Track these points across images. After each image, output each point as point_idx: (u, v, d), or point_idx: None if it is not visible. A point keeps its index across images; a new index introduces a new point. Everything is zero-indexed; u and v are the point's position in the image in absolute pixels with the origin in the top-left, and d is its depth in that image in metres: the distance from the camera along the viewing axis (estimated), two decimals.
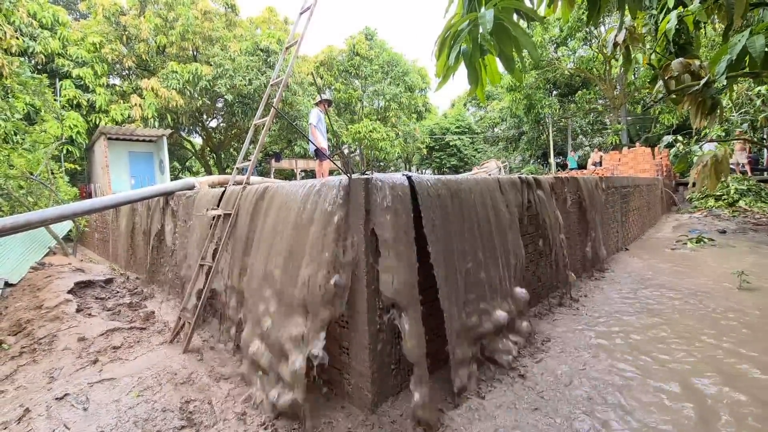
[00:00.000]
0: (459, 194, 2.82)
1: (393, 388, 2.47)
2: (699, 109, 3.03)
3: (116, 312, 4.11)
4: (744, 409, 2.25)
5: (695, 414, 2.24)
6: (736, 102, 7.68)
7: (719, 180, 2.72)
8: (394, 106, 24.75)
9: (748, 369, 2.67)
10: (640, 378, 2.61)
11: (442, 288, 2.46)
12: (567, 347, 3.05)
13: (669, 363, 2.79)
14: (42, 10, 14.21)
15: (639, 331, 3.37)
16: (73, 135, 13.07)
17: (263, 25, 20.65)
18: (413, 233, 2.37)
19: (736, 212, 10.24)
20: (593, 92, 21.30)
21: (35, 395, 2.54)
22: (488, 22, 1.68)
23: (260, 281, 2.78)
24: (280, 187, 2.91)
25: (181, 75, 15.28)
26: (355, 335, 2.38)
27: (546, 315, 3.72)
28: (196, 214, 3.96)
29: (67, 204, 4.71)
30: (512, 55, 1.94)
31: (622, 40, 3.32)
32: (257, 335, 2.71)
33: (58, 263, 5.41)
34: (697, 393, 2.43)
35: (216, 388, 2.65)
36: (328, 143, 6.39)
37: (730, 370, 2.67)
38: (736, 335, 3.21)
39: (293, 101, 17.10)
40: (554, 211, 4.13)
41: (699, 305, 3.96)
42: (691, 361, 2.80)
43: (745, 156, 12.36)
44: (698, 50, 3.31)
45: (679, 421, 2.18)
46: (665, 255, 6.58)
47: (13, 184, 6.30)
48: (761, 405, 2.27)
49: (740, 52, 2.42)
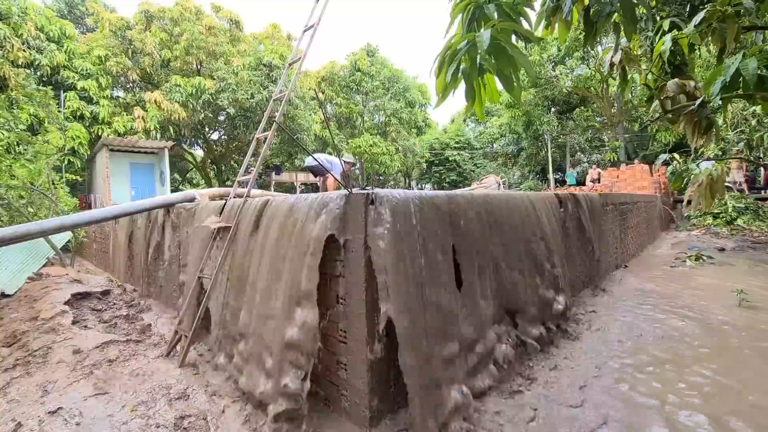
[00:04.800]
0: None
1: (391, 405, 2.44)
2: (695, 128, 3.08)
3: (112, 324, 4.08)
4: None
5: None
6: (732, 122, 7.78)
7: (714, 199, 2.75)
8: (395, 122, 25.03)
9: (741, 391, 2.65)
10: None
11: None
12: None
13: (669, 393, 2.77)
14: (50, 24, 14.48)
15: (638, 355, 3.34)
16: (75, 146, 13.17)
17: (267, 41, 21.02)
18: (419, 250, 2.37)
19: (735, 230, 10.27)
20: (591, 110, 21.60)
21: (28, 409, 2.50)
22: (485, 42, 1.73)
23: (259, 294, 2.77)
24: (281, 201, 2.93)
25: (184, 88, 15.48)
26: (354, 351, 2.36)
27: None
28: (196, 227, 3.96)
29: (67, 215, 4.72)
30: (510, 75, 1.99)
31: (619, 61, 3.40)
32: (253, 350, 2.69)
33: (55, 274, 5.38)
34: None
35: (211, 403, 2.61)
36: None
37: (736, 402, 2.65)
38: (732, 358, 3.19)
39: (295, 115, 17.30)
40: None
41: (699, 325, 3.94)
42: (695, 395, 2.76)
43: (742, 174, 12.46)
44: (693, 71, 3.38)
45: None
46: (664, 272, 6.57)
47: (14, 194, 6.32)
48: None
49: (734, 74, 2.48)
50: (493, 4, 2.01)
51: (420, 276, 2.38)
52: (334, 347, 2.51)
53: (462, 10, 2.09)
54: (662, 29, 3.47)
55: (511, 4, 2.11)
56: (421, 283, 2.37)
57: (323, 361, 2.56)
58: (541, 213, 3.92)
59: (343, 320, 2.45)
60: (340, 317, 2.47)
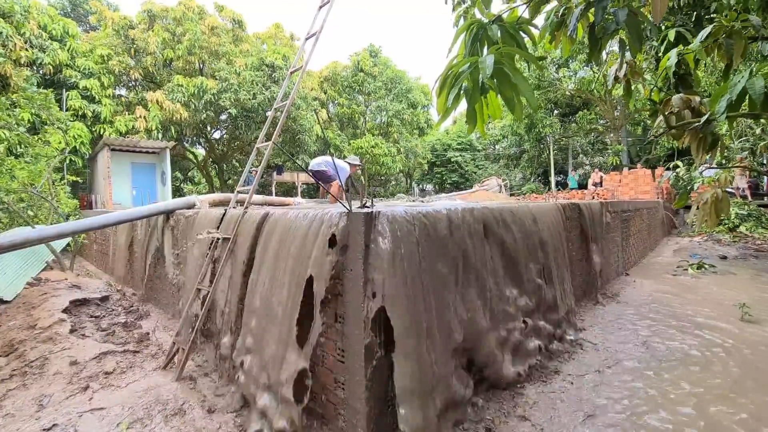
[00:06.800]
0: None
1: (388, 426, 2.42)
2: (700, 144, 3.04)
3: (110, 332, 4.06)
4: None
5: None
6: (736, 130, 7.74)
7: (719, 218, 2.71)
8: (397, 122, 24.99)
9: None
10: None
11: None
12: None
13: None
14: (53, 23, 14.47)
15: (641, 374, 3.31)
16: (77, 145, 13.16)
17: (269, 41, 21.00)
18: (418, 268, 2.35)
19: (737, 237, 10.21)
20: (594, 113, 21.52)
21: (23, 425, 2.48)
22: (488, 68, 1.70)
23: (256, 312, 2.75)
24: (280, 215, 2.90)
25: (186, 88, 15.47)
26: (351, 371, 2.34)
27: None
28: (195, 236, 3.94)
29: (67, 222, 4.70)
30: (513, 97, 1.96)
31: (623, 75, 3.37)
32: (252, 366, 2.67)
33: (54, 279, 5.37)
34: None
35: (208, 420, 2.59)
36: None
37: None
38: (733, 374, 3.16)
39: (297, 116, 17.28)
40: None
41: (701, 341, 3.90)
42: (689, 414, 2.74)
43: (746, 181, 12.41)
44: (698, 87, 3.35)
45: None
46: (666, 281, 6.53)
47: (14, 197, 6.30)
48: None
49: (740, 93, 2.44)
50: (497, 25, 1.98)
51: (422, 296, 2.35)
52: (333, 366, 2.48)
53: (465, 29, 2.06)
54: (668, 40, 3.44)
55: (514, 24, 2.08)
56: (423, 301, 2.34)
57: (321, 380, 2.53)
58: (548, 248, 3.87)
59: (341, 339, 2.42)
60: (338, 336, 2.44)
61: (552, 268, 3.88)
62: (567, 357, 3.47)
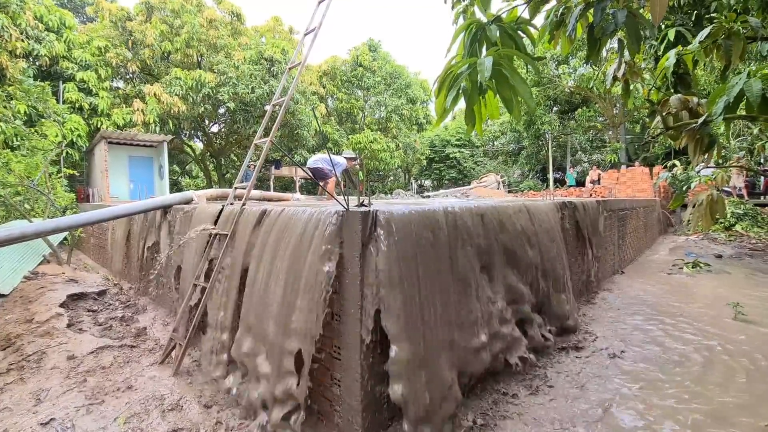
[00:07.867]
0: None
1: (384, 422, 2.44)
2: (697, 145, 3.05)
3: (108, 327, 4.07)
4: None
5: None
6: (733, 130, 7.76)
7: (715, 220, 2.73)
8: (396, 118, 24.90)
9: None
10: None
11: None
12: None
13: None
14: (49, 14, 14.29)
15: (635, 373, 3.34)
16: (74, 138, 13.07)
17: (268, 34, 20.83)
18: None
19: (733, 236, 10.27)
20: (593, 110, 21.49)
21: (20, 419, 2.49)
22: (487, 70, 1.69)
23: (255, 306, 2.76)
24: (278, 213, 2.90)
25: (184, 81, 15.35)
26: (347, 369, 2.36)
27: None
28: (192, 231, 3.94)
29: (64, 217, 4.68)
30: (511, 98, 1.96)
31: (622, 75, 3.37)
32: (249, 363, 2.69)
33: (51, 273, 5.37)
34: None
35: (205, 415, 2.61)
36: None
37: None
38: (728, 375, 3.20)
39: (295, 110, 17.20)
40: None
41: (693, 339, 3.95)
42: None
43: (742, 180, 12.45)
44: (697, 86, 3.36)
45: None
46: (661, 280, 6.58)
47: (10, 191, 6.27)
48: None
49: (737, 95, 2.44)
50: (495, 25, 1.97)
51: (418, 295, 2.36)
52: (329, 363, 2.50)
53: (464, 29, 2.05)
54: (668, 39, 3.44)
55: (513, 24, 2.07)
56: (419, 302, 2.36)
57: (318, 376, 2.55)
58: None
59: (337, 337, 2.44)
60: (334, 334, 2.46)
61: (548, 266, 3.90)
62: (561, 356, 3.51)
